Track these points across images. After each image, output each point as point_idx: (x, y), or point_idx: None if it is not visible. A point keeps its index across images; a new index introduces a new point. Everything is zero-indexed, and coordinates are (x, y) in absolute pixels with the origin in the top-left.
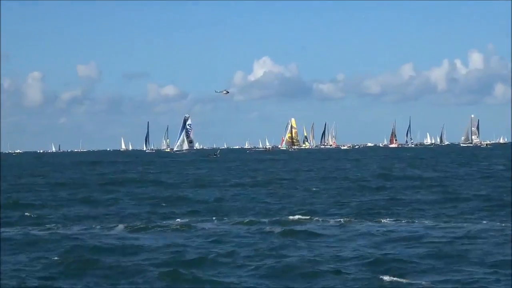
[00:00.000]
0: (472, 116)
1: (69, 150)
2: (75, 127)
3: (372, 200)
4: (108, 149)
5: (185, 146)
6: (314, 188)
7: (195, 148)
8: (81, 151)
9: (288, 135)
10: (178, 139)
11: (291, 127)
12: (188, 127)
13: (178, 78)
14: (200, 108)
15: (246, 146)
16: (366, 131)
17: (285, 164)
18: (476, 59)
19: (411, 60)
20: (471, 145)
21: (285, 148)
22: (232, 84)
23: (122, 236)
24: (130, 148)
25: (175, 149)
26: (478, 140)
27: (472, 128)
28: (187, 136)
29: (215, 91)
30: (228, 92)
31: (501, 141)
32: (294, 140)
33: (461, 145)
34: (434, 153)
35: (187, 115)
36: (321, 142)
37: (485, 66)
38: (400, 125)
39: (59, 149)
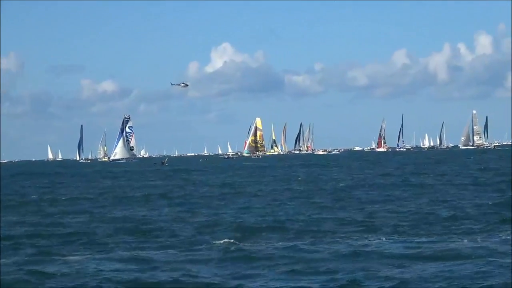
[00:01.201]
0: (474, 112)
1: None
2: None
3: None
4: (33, 159)
5: (124, 154)
6: None
7: (137, 156)
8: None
9: (251, 138)
10: (116, 145)
11: (256, 128)
12: (128, 130)
13: (118, 71)
14: (146, 107)
15: (201, 153)
16: (352, 133)
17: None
18: (484, 43)
19: (405, 45)
20: (472, 147)
21: (247, 155)
22: (185, 77)
23: None
24: (60, 157)
25: (111, 157)
26: (481, 141)
27: (474, 127)
28: (127, 141)
29: (171, 84)
30: (187, 85)
31: None
32: (259, 145)
33: (460, 147)
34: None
35: (127, 115)
36: (295, 147)
37: (495, 51)
38: (391, 125)
39: None
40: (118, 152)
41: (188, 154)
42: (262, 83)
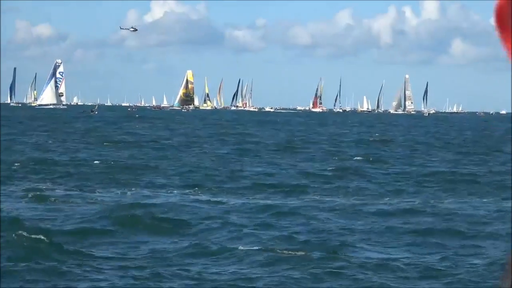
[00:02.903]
0: (407, 76)
1: None
2: None
3: None
4: None
5: (52, 99)
6: None
7: (65, 103)
8: None
9: (182, 91)
10: (44, 90)
11: (187, 81)
12: (58, 76)
13: (55, 15)
14: (82, 54)
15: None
16: (292, 92)
17: None
18: (430, 8)
19: (350, 5)
20: (402, 112)
21: (177, 108)
22: (124, 25)
23: None
24: None
25: (38, 102)
26: (412, 107)
27: (407, 92)
28: (57, 87)
29: (120, 28)
30: (136, 30)
31: (455, 109)
32: (189, 98)
33: (391, 112)
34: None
35: (59, 61)
36: (232, 103)
37: (441, 17)
38: (332, 86)
39: None
40: (45, 98)
41: (123, 104)
42: (202, 36)
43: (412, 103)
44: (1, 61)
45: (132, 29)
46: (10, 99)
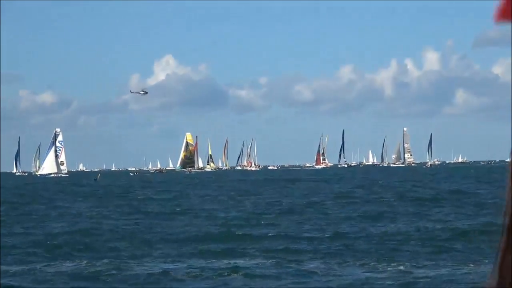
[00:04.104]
0: (405, 129)
1: None
2: None
3: None
4: None
5: (53, 168)
6: None
7: (68, 170)
8: None
9: (183, 153)
10: (44, 159)
11: (187, 143)
12: (58, 144)
13: (58, 82)
14: (86, 120)
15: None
16: (294, 149)
17: None
18: (431, 59)
19: (352, 60)
20: (402, 165)
21: (179, 170)
22: (127, 89)
23: None
24: None
25: (39, 172)
26: (412, 159)
27: (405, 145)
28: (56, 155)
29: (130, 92)
30: (146, 93)
31: (460, 160)
32: (190, 160)
33: (391, 165)
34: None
35: (58, 130)
36: (237, 163)
37: (443, 67)
38: (336, 141)
39: None
40: (46, 167)
41: (129, 169)
42: (205, 96)
43: (411, 155)
44: (6, 130)
45: (142, 92)
46: (16, 168)
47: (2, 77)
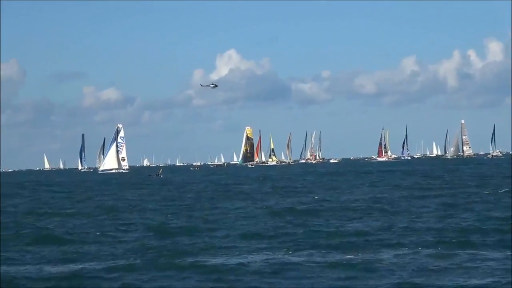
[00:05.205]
0: (462, 121)
1: None
2: None
3: None
4: (38, 168)
5: (114, 164)
6: None
7: (129, 166)
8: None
9: (244, 148)
10: (105, 156)
11: (247, 137)
12: (120, 140)
13: (121, 79)
14: (150, 115)
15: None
16: (358, 141)
17: None
18: (494, 49)
19: (414, 52)
20: (458, 157)
21: (239, 164)
22: (190, 85)
23: None
24: (62, 166)
25: (101, 168)
26: (470, 151)
27: (463, 137)
28: (117, 151)
29: (201, 85)
30: (216, 86)
31: None
32: (249, 154)
33: (448, 157)
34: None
35: (119, 125)
36: (300, 157)
37: (506, 58)
38: (399, 133)
39: None
40: (107, 163)
41: (194, 163)
42: (268, 91)
43: (470, 147)
44: (70, 127)
45: (212, 85)
46: (81, 165)
47: (66, 75)
